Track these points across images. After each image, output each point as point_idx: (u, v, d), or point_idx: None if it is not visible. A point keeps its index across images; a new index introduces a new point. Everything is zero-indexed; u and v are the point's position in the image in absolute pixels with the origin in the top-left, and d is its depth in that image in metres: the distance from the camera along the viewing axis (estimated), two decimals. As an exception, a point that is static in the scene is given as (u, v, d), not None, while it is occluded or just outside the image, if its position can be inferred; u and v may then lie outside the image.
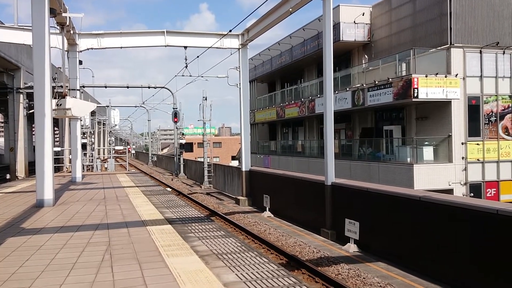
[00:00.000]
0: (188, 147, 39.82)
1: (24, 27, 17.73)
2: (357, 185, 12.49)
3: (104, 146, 66.25)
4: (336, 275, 9.32)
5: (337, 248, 11.84)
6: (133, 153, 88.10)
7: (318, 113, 27.15)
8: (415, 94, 19.29)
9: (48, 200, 11.90)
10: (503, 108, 21.13)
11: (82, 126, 27.54)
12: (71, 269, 6.05)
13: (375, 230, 11.13)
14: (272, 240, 12.53)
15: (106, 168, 39.02)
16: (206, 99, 32.20)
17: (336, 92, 24.37)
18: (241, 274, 6.19)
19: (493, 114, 20.98)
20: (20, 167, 27.94)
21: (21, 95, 28.12)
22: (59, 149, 31.95)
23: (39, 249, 7.21)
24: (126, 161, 40.73)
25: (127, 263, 6.35)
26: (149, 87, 38.06)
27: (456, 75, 20.04)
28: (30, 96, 27.58)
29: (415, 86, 19.28)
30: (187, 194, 23.77)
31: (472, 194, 20.09)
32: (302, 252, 11.20)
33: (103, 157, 56.76)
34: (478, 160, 20.62)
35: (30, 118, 29.81)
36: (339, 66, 27.87)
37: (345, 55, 28.82)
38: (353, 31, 26.33)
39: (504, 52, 20.92)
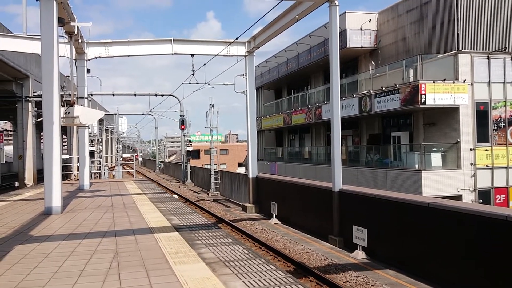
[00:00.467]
0: (195, 154, 39.93)
1: (33, 36, 17.91)
2: (365, 192, 12.42)
3: (111, 153, 66.58)
4: (344, 282, 9.25)
5: (345, 255, 11.76)
6: (141, 161, 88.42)
7: (325, 120, 27.13)
8: (423, 100, 19.21)
9: (56, 208, 11.96)
10: (511, 114, 20.97)
11: (90, 134, 27.71)
12: (78, 277, 6.06)
13: (383, 237, 11.05)
14: (279, 247, 12.47)
15: (113, 175, 39.18)
16: (213, 106, 32.30)
17: (343, 98, 24.33)
18: (248, 281, 6.17)
19: (502, 120, 20.82)
20: (29, 175, 28.12)
21: (30, 104, 28.39)
22: (67, 156, 32.19)
23: (47, 257, 7.24)
24: (133, 169, 40.85)
25: (135, 270, 6.35)
26: (156, 95, 38.29)
27: (464, 81, 19.94)
28: (38, 105, 27.82)
29: (423, 92, 19.21)
30: (194, 201, 23.77)
31: (481, 201, 19.90)
32: (310, 259, 11.14)
33: (111, 164, 57.01)
34: (487, 166, 20.45)
35: (39, 126, 30.02)
36: (345, 73, 27.85)
37: (352, 61, 28.82)
38: (360, 38, 26.34)
39: (512, 57, 20.81)
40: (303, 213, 15.72)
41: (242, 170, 47.24)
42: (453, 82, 19.72)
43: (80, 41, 17.85)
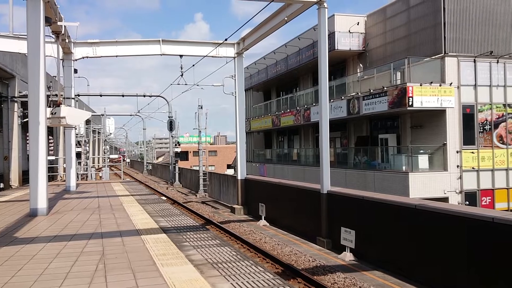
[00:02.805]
0: (184, 155, 39.69)
1: (20, 36, 17.67)
2: (353, 194, 12.47)
3: (99, 155, 66.02)
4: (332, 284, 9.26)
5: (333, 256, 11.80)
6: (128, 162, 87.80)
7: (314, 122, 27.21)
8: (410, 103, 19.38)
9: (42, 209, 11.80)
10: (497, 117, 21.25)
11: (76, 134, 27.45)
12: (64, 279, 5.98)
13: (371, 238, 11.10)
14: (267, 249, 12.46)
15: (100, 177, 38.84)
16: (201, 108, 32.22)
17: (332, 100, 24.45)
18: (236, 283, 6.14)
19: (488, 123, 21.09)
20: (14, 176, 27.73)
21: (16, 104, 28.00)
22: (53, 158, 31.77)
23: (32, 259, 7.14)
24: (121, 170, 40.54)
25: (121, 272, 6.29)
26: (144, 96, 38.06)
27: (451, 83, 20.17)
28: (24, 105, 27.45)
29: (410, 94, 19.38)
30: (182, 202, 23.65)
31: (467, 203, 20.12)
32: (298, 261, 11.14)
33: (98, 165, 56.49)
34: (473, 168, 20.69)
35: (25, 127, 29.66)
36: (334, 75, 28.00)
37: (340, 64, 28.96)
38: (348, 40, 26.50)
39: (498, 61, 21.09)
40: (291, 215, 15.74)
41: (230, 171, 47.16)
42: (440, 85, 19.94)
43: (67, 41, 17.67)
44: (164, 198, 24.03)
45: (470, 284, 8.21)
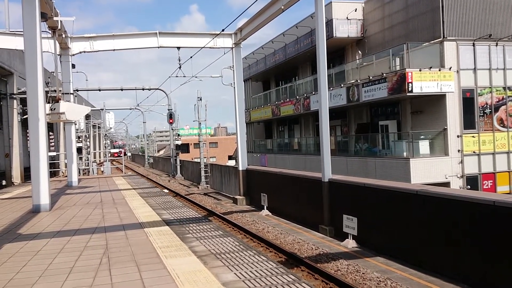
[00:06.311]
0: (184, 148, 39.78)
1: (16, 32, 17.58)
2: (354, 181, 12.48)
3: (99, 149, 66.06)
4: (335, 271, 9.31)
5: (335, 244, 11.84)
6: (129, 156, 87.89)
7: (314, 110, 27.17)
8: (410, 89, 19.32)
9: (44, 205, 11.85)
10: (497, 100, 21.20)
11: (77, 130, 27.41)
12: (69, 274, 6.02)
13: (373, 225, 11.13)
14: (270, 238, 12.51)
15: (102, 171, 38.88)
16: (200, 100, 32.08)
17: (331, 88, 24.38)
18: (240, 273, 6.18)
19: (488, 106, 21.04)
20: (16, 173, 27.78)
21: (15, 101, 27.95)
22: (54, 153, 31.82)
23: (36, 254, 7.17)
24: (122, 164, 40.58)
25: (125, 265, 6.32)
26: (143, 89, 37.94)
27: (450, 68, 20.09)
28: (24, 102, 27.39)
29: (409, 80, 19.31)
30: (184, 195, 23.71)
31: (469, 187, 20.15)
32: (301, 249, 11.19)
33: (99, 160, 56.55)
34: (474, 152, 20.69)
35: (25, 124, 29.66)
36: (333, 63, 27.87)
37: (339, 51, 28.83)
38: (346, 27, 26.36)
39: (497, 44, 20.98)
40: (293, 204, 15.77)
41: (232, 162, 47.19)
42: (439, 70, 19.86)
43: (64, 36, 17.58)
44: (166, 190, 24.09)
45: (472, 266, 8.25)
